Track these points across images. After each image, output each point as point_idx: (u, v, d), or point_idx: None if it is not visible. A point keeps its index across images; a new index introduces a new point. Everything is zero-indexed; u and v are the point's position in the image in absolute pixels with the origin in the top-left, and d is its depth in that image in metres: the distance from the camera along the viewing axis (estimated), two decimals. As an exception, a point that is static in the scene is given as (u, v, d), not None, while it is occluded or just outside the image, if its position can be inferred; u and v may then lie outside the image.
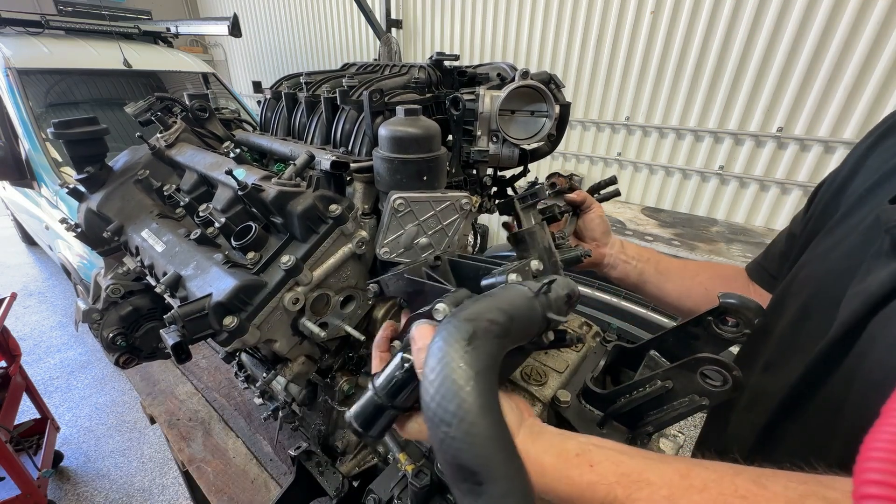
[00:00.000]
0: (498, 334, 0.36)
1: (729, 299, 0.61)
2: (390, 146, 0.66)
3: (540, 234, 0.76)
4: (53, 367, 3.36)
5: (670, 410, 0.58)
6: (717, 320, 0.64)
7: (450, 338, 0.34)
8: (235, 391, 1.47)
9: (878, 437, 0.29)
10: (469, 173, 0.89)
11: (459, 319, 0.35)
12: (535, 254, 0.75)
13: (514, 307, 0.39)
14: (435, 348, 0.34)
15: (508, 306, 0.38)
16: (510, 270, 0.49)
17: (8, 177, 3.09)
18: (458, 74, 0.91)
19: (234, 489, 1.13)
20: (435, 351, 0.34)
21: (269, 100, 1.07)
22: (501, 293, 0.41)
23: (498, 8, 3.88)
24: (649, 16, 3.17)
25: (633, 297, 3.01)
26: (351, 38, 5.33)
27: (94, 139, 0.95)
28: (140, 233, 0.88)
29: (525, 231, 0.76)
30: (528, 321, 0.40)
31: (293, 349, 0.74)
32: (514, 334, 0.38)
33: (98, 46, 3.78)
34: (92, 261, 2.74)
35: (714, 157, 3.24)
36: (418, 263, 0.59)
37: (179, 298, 0.70)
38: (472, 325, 0.35)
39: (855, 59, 2.57)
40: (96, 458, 2.64)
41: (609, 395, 0.63)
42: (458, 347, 0.33)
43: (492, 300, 0.39)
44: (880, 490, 0.26)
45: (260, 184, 0.68)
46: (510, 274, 0.47)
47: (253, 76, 7.17)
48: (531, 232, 0.75)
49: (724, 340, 0.64)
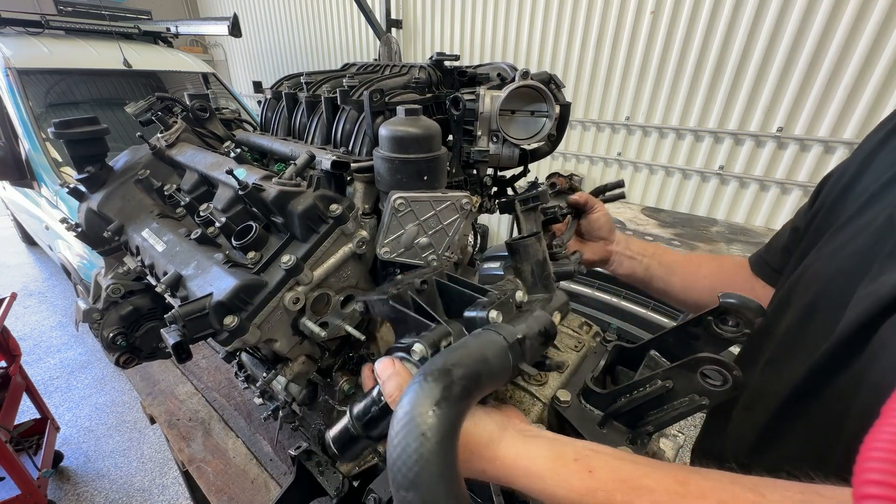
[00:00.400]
0: (464, 395, 0.38)
1: (729, 299, 0.61)
2: (391, 146, 0.66)
3: (534, 248, 0.75)
4: (53, 367, 3.36)
5: (670, 410, 0.58)
6: (718, 320, 0.64)
7: (417, 401, 0.36)
8: (235, 391, 1.47)
9: (878, 437, 0.29)
10: (469, 173, 0.89)
11: (428, 381, 0.37)
12: (528, 266, 0.74)
13: (486, 361, 0.40)
14: (402, 412, 0.36)
15: (480, 361, 0.40)
16: (492, 305, 0.51)
17: (8, 177, 3.09)
18: (458, 74, 0.91)
19: (234, 489, 1.13)
20: (402, 415, 0.35)
21: (270, 100, 1.07)
22: (475, 344, 0.42)
23: (498, 8, 3.89)
24: (649, 16, 3.18)
25: (634, 297, 3.01)
26: (351, 38, 5.33)
27: (95, 139, 0.95)
28: (140, 232, 0.88)
29: (520, 243, 0.75)
30: (500, 372, 0.42)
31: (293, 349, 0.74)
32: (485, 386, 0.40)
33: (98, 46, 3.78)
34: (92, 261, 2.74)
35: (714, 157, 3.24)
36: (404, 287, 0.59)
37: (180, 298, 0.70)
38: (440, 387, 0.36)
39: (855, 58, 2.57)
40: (96, 458, 2.64)
41: (609, 395, 0.63)
42: (424, 411, 0.35)
43: (464, 353, 0.40)
44: (880, 490, 0.26)
45: (260, 183, 0.68)
46: (491, 311, 0.49)
47: (253, 76, 7.17)
48: (525, 245, 0.74)
49: (725, 340, 0.64)
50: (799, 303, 0.67)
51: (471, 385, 0.38)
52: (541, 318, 0.51)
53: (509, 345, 0.43)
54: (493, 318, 0.49)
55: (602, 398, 0.65)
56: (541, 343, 0.49)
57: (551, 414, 0.69)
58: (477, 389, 0.39)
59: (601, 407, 0.65)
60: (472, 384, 0.38)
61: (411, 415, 0.35)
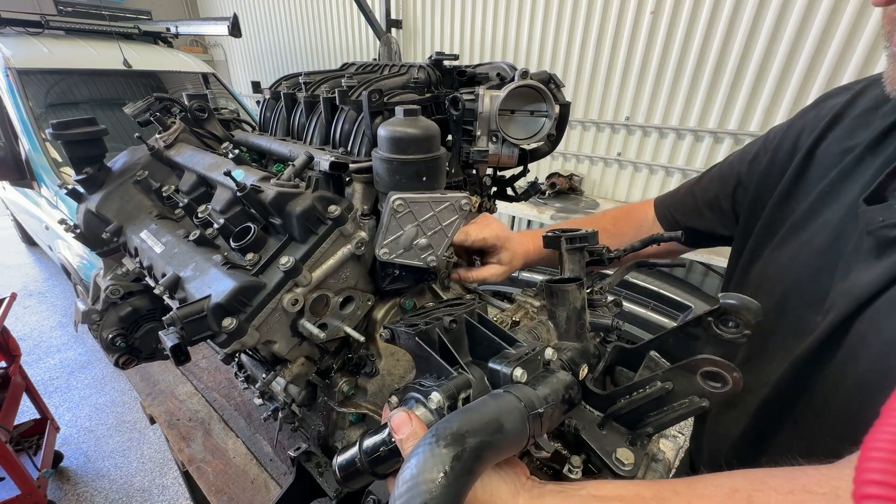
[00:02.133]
0: (474, 465, 0.37)
1: (729, 300, 0.61)
2: (389, 147, 0.66)
3: (574, 295, 0.70)
4: (53, 367, 3.36)
5: (670, 411, 0.58)
6: (718, 321, 0.64)
7: (426, 465, 0.35)
8: (235, 391, 1.47)
9: (878, 437, 0.29)
10: (469, 173, 0.89)
11: (440, 444, 0.36)
12: (563, 313, 0.70)
13: (502, 430, 0.39)
14: (409, 473, 0.35)
15: (496, 430, 0.39)
16: (519, 362, 0.49)
17: (8, 177, 3.09)
18: (457, 74, 0.91)
19: (234, 489, 1.13)
20: (408, 477, 0.35)
21: (269, 100, 1.07)
22: (493, 409, 0.41)
23: (498, 8, 3.88)
24: (649, 16, 3.17)
25: (634, 298, 3.00)
26: (351, 38, 5.33)
27: (93, 140, 0.95)
28: (139, 234, 0.88)
29: (559, 288, 0.70)
30: (515, 443, 0.41)
31: (292, 350, 0.74)
32: (496, 457, 0.39)
33: (98, 46, 3.78)
34: (92, 261, 2.74)
35: (714, 158, 3.24)
36: (432, 325, 0.57)
37: (178, 300, 0.70)
38: (451, 454, 0.36)
39: (855, 58, 2.57)
40: (96, 458, 2.64)
41: (609, 397, 0.63)
42: (431, 478, 0.34)
43: (481, 419, 0.39)
44: (880, 490, 0.26)
45: (259, 185, 0.68)
46: (517, 369, 0.47)
47: (253, 76, 7.17)
48: (564, 291, 0.69)
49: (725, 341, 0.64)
50: (767, 301, 0.68)
51: (483, 455, 0.37)
52: (566, 382, 0.49)
53: (529, 416, 0.42)
54: (518, 377, 0.47)
55: (602, 399, 0.65)
56: (563, 412, 0.47)
57: (551, 415, 0.69)
58: (488, 459, 0.38)
59: (601, 408, 0.65)
60: (484, 454, 0.38)
61: (417, 479, 0.34)
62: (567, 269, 0.83)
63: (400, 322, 0.61)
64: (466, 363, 0.56)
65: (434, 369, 0.55)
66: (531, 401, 0.43)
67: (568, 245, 0.81)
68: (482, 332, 0.56)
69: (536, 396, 0.44)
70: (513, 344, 0.55)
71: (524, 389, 0.45)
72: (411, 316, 0.61)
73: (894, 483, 0.26)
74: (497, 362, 0.50)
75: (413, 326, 0.57)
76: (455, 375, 0.51)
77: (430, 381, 0.52)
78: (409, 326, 0.57)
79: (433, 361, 0.53)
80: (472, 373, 0.53)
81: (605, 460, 0.59)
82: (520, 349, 0.53)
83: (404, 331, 0.55)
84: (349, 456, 0.49)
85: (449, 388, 0.48)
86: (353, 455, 0.49)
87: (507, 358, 0.51)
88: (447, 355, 0.55)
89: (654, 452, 0.72)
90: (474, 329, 0.58)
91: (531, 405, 0.43)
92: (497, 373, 0.50)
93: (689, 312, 2.79)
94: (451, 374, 0.51)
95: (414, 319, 0.60)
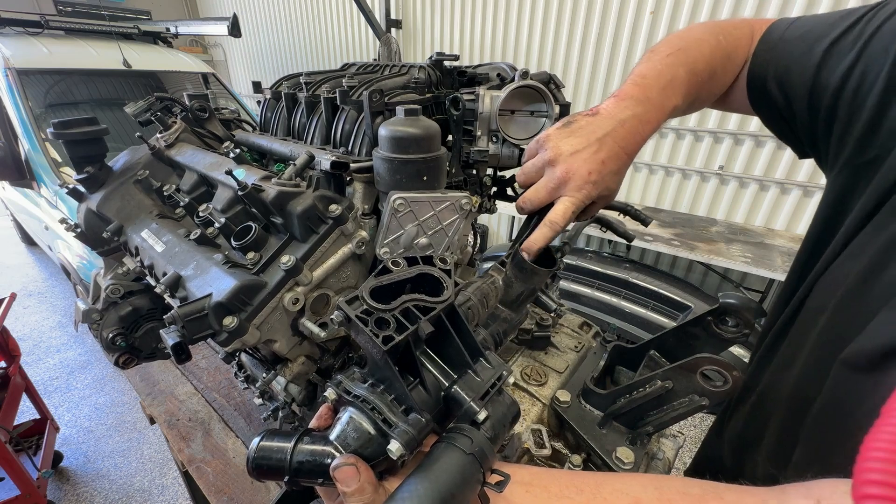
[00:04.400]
0: None
1: (729, 300, 0.61)
2: (390, 146, 0.66)
3: (540, 278, 0.69)
4: (53, 367, 3.35)
5: (670, 410, 0.58)
6: (717, 320, 0.64)
7: None
8: (235, 391, 1.46)
9: (878, 437, 0.29)
10: (469, 173, 0.89)
11: None
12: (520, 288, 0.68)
13: (448, 490, 0.39)
14: None
15: (441, 494, 0.38)
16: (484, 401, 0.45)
17: (7, 177, 3.09)
18: (457, 74, 0.91)
19: (233, 489, 1.13)
20: None
21: (269, 100, 1.07)
22: (455, 481, 0.40)
23: (498, 8, 3.89)
24: (649, 16, 3.18)
25: (633, 297, 3.01)
26: (351, 38, 5.33)
27: (94, 139, 0.95)
28: (140, 233, 0.88)
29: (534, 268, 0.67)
30: (464, 494, 0.40)
31: (293, 349, 0.74)
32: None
33: (98, 47, 3.78)
34: (92, 261, 2.74)
35: (714, 157, 3.24)
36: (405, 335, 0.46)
37: (179, 299, 0.70)
38: None
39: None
40: (96, 458, 2.64)
41: (609, 396, 0.64)
42: None
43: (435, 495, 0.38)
44: (880, 490, 0.26)
45: (260, 184, 0.68)
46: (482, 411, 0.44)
47: (253, 76, 7.17)
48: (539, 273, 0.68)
49: (724, 341, 0.64)
50: (812, 304, 0.63)
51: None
52: (514, 411, 0.48)
53: (482, 470, 0.41)
54: (480, 420, 0.44)
55: (602, 398, 0.65)
56: (506, 439, 0.47)
57: (551, 414, 0.69)
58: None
59: (601, 407, 0.65)
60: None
61: None
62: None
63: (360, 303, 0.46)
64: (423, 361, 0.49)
65: (390, 386, 0.47)
66: (485, 456, 0.42)
67: None
68: (451, 337, 0.49)
69: (490, 448, 0.43)
70: (477, 359, 0.49)
71: (482, 443, 0.42)
72: (375, 289, 0.47)
73: (894, 483, 0.26)
74: (462, 393, 0.46)
75: (380, 324, 0.45)
76: (412, 418, 0.45)
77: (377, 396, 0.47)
78: (376, 322, 0.44)
79: (395, 383, 0.46)
80: (427, 380, 0.48)
81: (605, 459, 0.60)
82: (485, 373, 0.48)
83: (369, 333, 0.43)
84: (274, 453, 0.46)
85: (409, 435, 0.43)
86: (282, 454, 0.45)
87: (473, 388, 0.46)
88: (409, 364, 0.48)
89: (653, 451, 0.72)
90: (445, 331, 0.50)
91: (486, 460, 0.42)
92: (459, 406, 0.46)
93: (688, 312, 2.79)
94: (412, 404, 0.45)
95: (380, 309, 0.45)
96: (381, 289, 0.49)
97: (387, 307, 0.46)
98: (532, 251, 0.69)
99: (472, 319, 0.64)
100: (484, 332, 0.67)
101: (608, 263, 3.10)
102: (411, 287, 0.51)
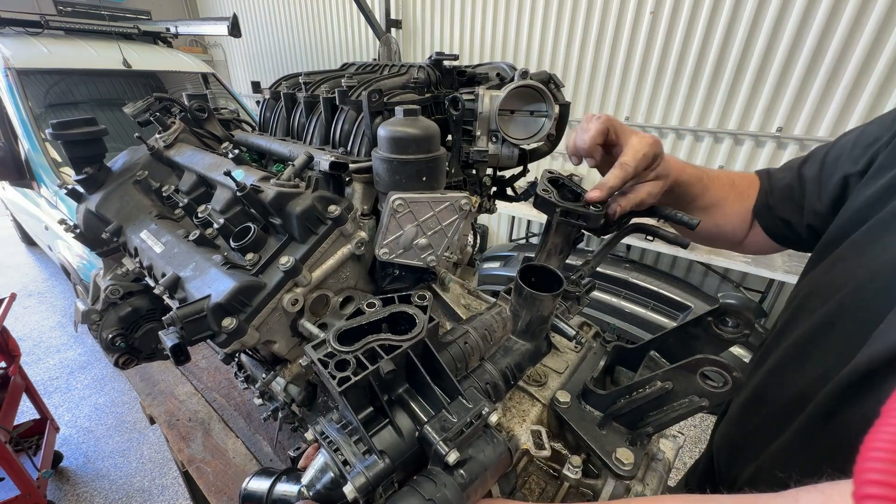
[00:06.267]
0: None
1: (728, 300, 0.61)
2: (389, 147, 0.66)
3: (545, 304, 0.62)
4: (53, 367, 3.35)
5: (670, 411, 0.58)
6: (717, 321, 0.64)
7: None
8: (235, 391, 1.46)
9: (877, 437, 0.29)
10: (469, 173, 0.89)
11: None
12: (529, 316, 0.63)
13: None
14: None
15: None
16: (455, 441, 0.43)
17: (7, 177, 3.09)
18: (457, 74, 0.91)
19: (234, 489, 1.13)
20: None
21: (268, 100, 1.07)
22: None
23: (498, 8, 3.88)
24: (649, 16, 3.17)
25: (633, 297, 3.01)
26: (351, 38, 5.33)
27: (93, 140, 0.95)
28: (139, 234, 0.88)
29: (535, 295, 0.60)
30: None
31: (292, 350, 0.74)
32: None
33: (98, 47, 3.78)
34: (91, 261, 2.74)
35: (714, 157, 3.24)
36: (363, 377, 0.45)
37: (178, 300, 0.70)
38: None
39: (854, 58, 2.57)
40: (96, 458, 2.64)
41: (609, 396, 0.63)
42: None
43: None
44: (880, 490, 0.26)
45: (258, 185, 0.68)
46: (451, 453, 0.42)
47: (252, 76, 7.17)
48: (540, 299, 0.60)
49: (724, 341, 0.64)
50: (817, 310, 0.64)
51: None
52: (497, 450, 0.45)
53: None
54: (450, 462, 0.41)
55: (602, 399, 0.65)
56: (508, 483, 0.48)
57: (551, 415, 0.69)
58: None
59: (601, 408, 0.65)
60: None
61: None
62: (550, 241, 0.77)
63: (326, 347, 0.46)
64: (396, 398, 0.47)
65: (355, 428, 0.46)
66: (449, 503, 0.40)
67: (560, 217, 0.72)
68: (422, 376, 0.47)
69: (457, 494, 0.41)
70: (454, 397, 0.47)
71: (449, 489, 0.41)
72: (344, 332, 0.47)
73: (894, 483, 0.26)
74: (432, 432, 0.43)
75: (342, 366, 0.44)
76: (372, 460, 0.44)
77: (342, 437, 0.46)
78: (337, 365, 0.43)
79: (356, 425, 0.45)
80: (399, 421, 0.46)
81: (604, 460, 0.59)
82: (461, 412, 0.45)
83: (327, 375, 0.42)
84: (255, 492, 0.54)
85: (364, 482, 0.41)
86: (261, 494, 0.53)
87: (445, 427, 0.44)
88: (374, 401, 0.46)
89: (653, 452, 0.72)
90: (415, 369, 0.48)
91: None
92: (430, 446, 0.43)
93: (688, 312, 2.79)
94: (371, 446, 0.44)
95: (342, 351, 0.45)
96: (351, 331, 0.49)
97: (349, 349, 0.45)
98: (596, 197, 0.71)
99: (470, 354, 0.60)
100: (490, 367, 0.60)
101: (608, 263, 3.10)
102: (389, 326, 0.51)
